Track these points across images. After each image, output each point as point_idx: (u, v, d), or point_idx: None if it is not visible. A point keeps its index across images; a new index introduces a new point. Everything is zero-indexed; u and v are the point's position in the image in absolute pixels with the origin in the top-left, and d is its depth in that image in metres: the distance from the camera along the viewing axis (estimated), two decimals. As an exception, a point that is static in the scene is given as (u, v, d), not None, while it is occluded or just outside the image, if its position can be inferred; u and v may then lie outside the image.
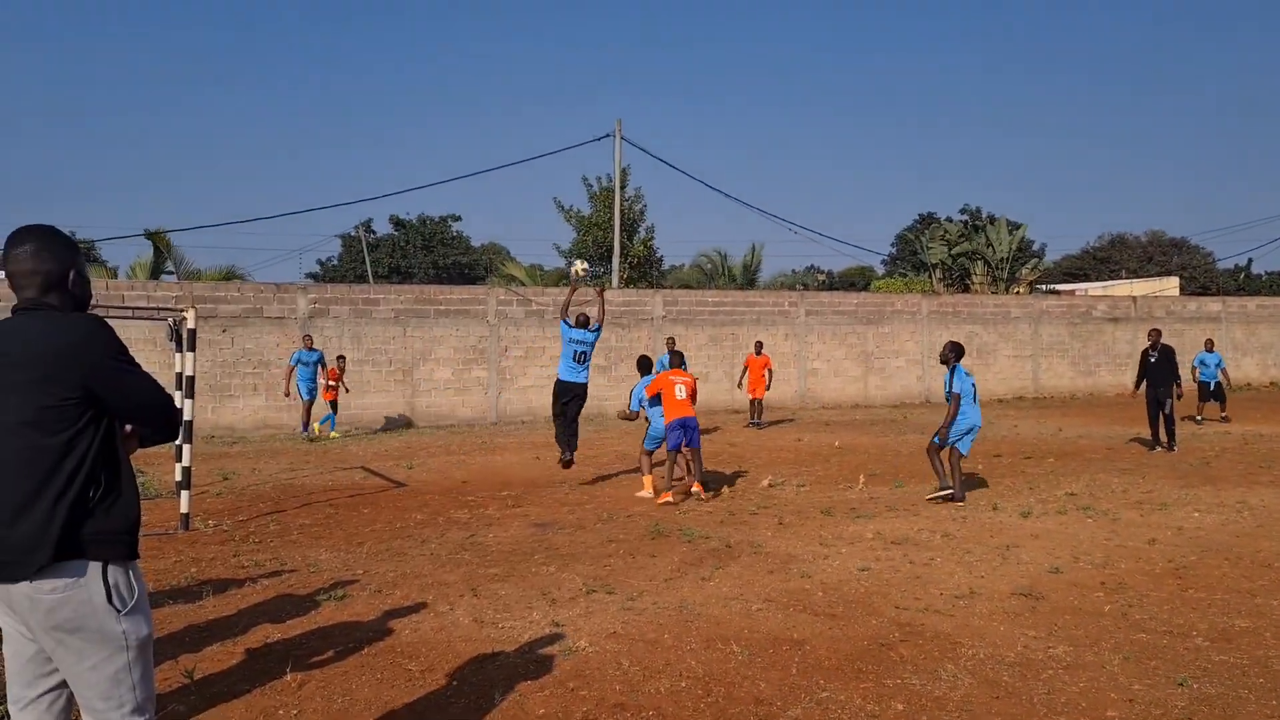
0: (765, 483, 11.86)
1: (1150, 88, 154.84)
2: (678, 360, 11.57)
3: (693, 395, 10.99)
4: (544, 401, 22.77)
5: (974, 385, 10.58)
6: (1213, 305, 34.13)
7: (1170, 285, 54.88)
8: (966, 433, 10.46)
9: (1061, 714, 4.54)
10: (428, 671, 5.21)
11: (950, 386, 10.41)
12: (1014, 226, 42.50)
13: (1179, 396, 14.85)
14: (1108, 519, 9.32)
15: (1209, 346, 20.77)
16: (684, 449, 11.01)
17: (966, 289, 41.40)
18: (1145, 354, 15.17)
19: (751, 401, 20.26)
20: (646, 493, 10.99)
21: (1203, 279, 65.15)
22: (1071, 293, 44.24)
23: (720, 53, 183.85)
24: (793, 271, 71.39)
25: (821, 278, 72.61)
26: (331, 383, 18.91)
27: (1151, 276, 60.50)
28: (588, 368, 11.73)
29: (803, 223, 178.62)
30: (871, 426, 19.96)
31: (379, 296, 21.83)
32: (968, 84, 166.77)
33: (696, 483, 10.92)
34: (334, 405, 19.07)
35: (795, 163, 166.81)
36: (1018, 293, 39.18)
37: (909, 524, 9.22)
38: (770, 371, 20.41)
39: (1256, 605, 6.31)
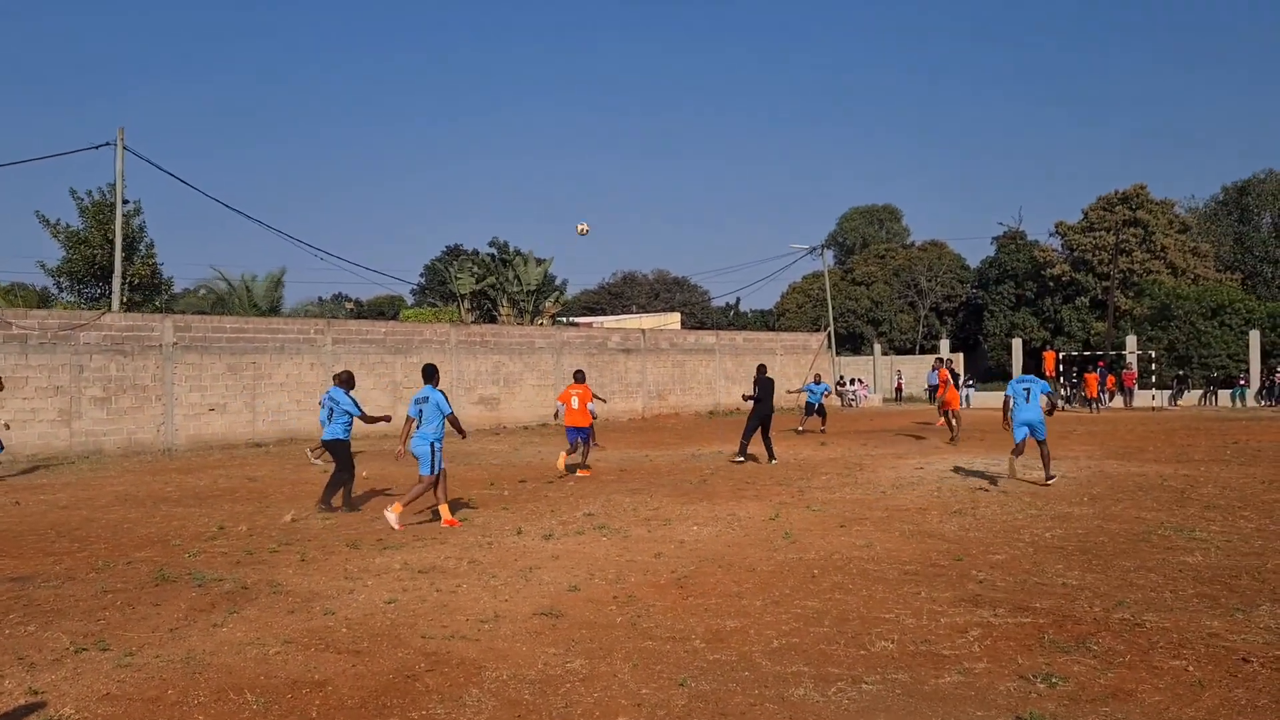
0: (288, 518, 11.31)
1: (643, 149, 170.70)
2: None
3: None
4: (23, 437, 20.09)
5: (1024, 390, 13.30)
6: (709, 338, 38.17)
7: (673, 320, 60.80)
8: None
9: (578, 726, 4.74)
10: None
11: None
12: (540, 261, 44.71)
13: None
14: (620, 536, 9.98)
15: (817, 379, 27.61)
16: None
17: (494, 319, 42.77)
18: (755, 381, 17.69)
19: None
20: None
21: (700, 315, 73.06)
22: (589, 325, 47.31)
23: (246, 70, 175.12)
24: (320, 299, 69.62)
25: (350, 306, 71.43)
26: None
27: (658, 311, 66.62)
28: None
29: (331, 249, 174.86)
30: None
31: None
32: (495, 117, 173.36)
33: None
34: None
35: (323, 188, 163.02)
36: (541, 324, 41.17)
37: (436, 552, 9.23)
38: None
39: (743, 606, 7.04)
